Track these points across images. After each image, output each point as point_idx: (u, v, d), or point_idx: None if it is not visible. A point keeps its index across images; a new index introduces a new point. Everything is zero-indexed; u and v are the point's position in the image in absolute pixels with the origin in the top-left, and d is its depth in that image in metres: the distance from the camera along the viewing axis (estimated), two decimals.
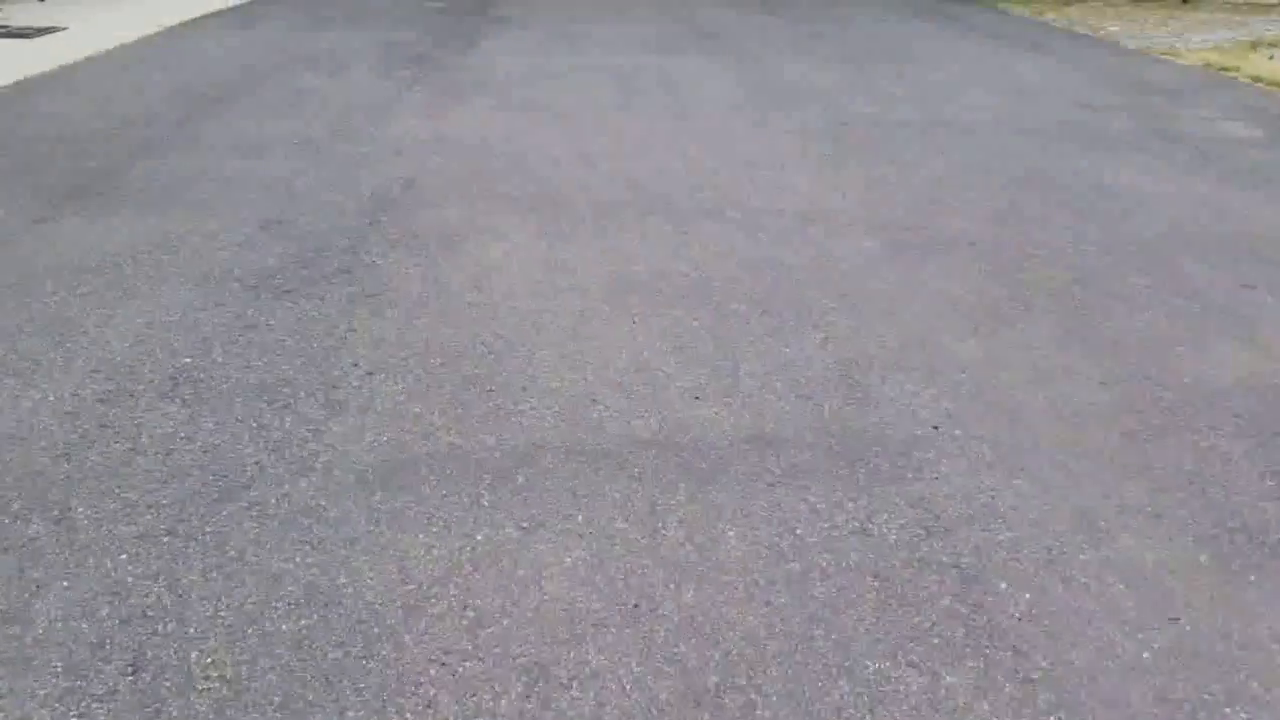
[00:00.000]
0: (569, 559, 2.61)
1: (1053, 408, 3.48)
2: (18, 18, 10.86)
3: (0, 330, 3.78)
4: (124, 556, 2.56)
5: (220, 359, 3.61)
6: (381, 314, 4.03)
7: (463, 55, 9.88)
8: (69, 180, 5.57)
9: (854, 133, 7.17)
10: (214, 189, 5.50)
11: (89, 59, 8.94)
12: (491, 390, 3.45)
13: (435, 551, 2.62)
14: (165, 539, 2.63)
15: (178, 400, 3.31)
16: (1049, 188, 5.95)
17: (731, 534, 2.73)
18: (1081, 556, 2.71)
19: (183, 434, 3.12)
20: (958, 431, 3.31)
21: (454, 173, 5.95)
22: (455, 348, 3.76)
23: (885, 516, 2.84)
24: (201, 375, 3.48)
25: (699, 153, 6.53)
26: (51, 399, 3.30)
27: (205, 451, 3.03)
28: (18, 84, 7.88)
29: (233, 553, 2.59)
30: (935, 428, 3.32)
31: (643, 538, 2.71)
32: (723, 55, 10.29)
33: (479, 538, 2.68)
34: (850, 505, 2.88)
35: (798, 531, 2.75)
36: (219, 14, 11.86)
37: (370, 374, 3.54)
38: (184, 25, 10.89)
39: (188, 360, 3.59)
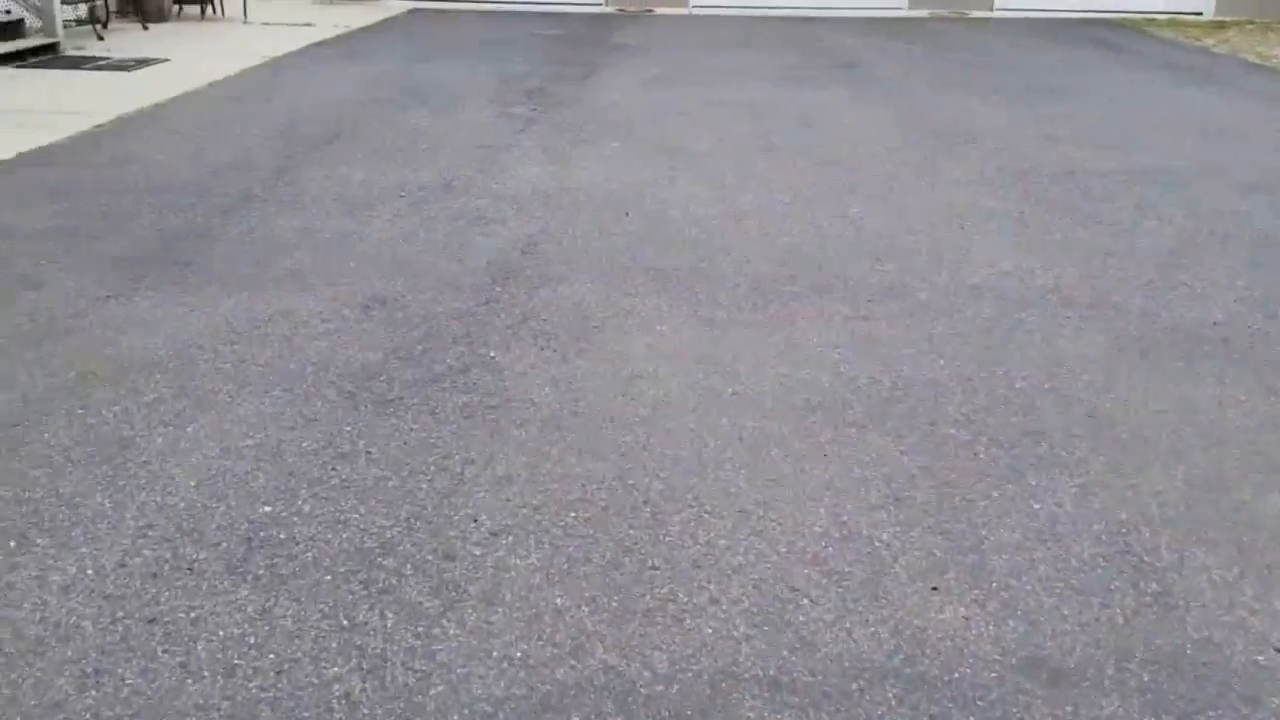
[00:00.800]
0: None
1: None
2: (120, 47, 10.47)
3: (40, 457, 3.06)
4: None
5: (307, 507, 2.82)
6: (506, 436, 3.21)
7: (581, 88, 9.13)
8: (150, 244, 4.90)
9: (1042, 184, 6.18)
10: (311, 257, 4.78)
11: (188, 94, 8.41)
12: (655, 569, 2.59)
13: None
14: None
15: (249, 579, 2.52)
16: None
17: None
18: None
19: (251, 638, 2.32)
20: None
21: (582, 234, 5.14)
22: (601, 494, 2.92)
23: None
24: (282, 535, 2.70)
25: (863, 209, 5.62)
26: (90, 573, 2.54)
27: (278, 672, 2.22)
28: (112, 122, 7.35)
29: None
30: None
31: None
32: (864, 87, 9.35)
33: None
34: None
35: None
36: (322, 45, 11.34)
37: (495, 535, 2.71)
38: (287, 57, 10.36)
39: (266, 510, 2.81)
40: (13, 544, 2.64)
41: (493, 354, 3.80)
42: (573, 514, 2.82)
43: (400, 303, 4.25)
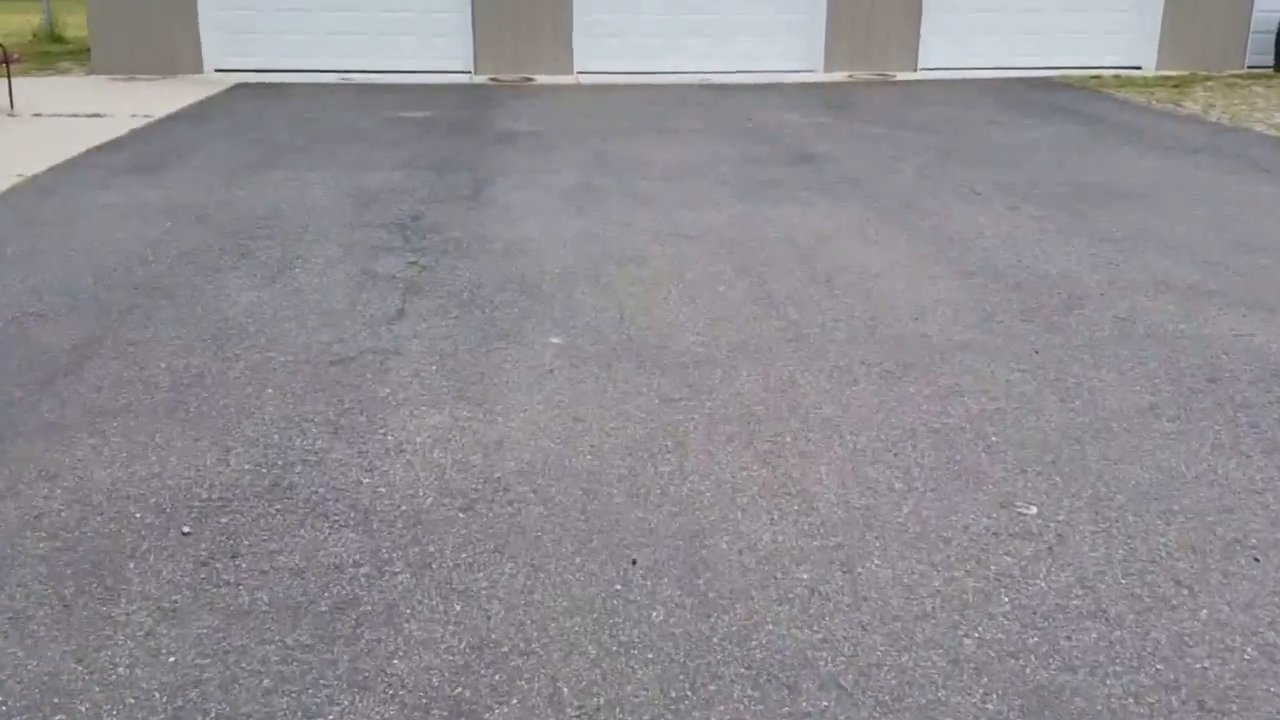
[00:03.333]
0: None
1: None
2: None
3: None
4: None
5: None
6: None
7: (476, 213, 6.48)
8: None
9: (1262, 407, 3.81)
10: None
11: None
12: None
13: None
14: None
15: None
16: None
17: None
18: None
19: None
20: None
21: (572, 667, 2.49)
22: None
23: None
24: None
25: (1041, 503, 3.13)
26: None
27: None
28: None
29: None
30: None
31: None
32: (850, 199, 6.95)
33: None
34: None
35: None
36: (110, 150, 8.33)
37: None
38: (51, 175, 7.34)
39: None
40: None
41: None
42: None
43: None
